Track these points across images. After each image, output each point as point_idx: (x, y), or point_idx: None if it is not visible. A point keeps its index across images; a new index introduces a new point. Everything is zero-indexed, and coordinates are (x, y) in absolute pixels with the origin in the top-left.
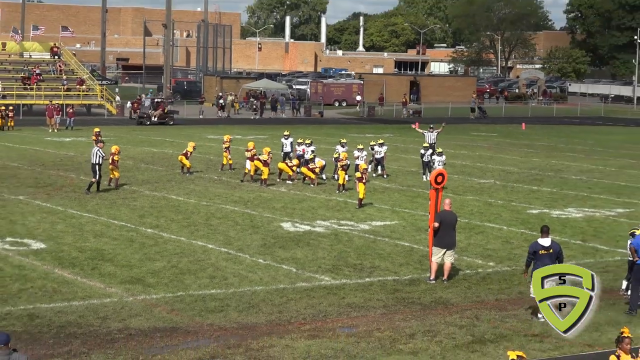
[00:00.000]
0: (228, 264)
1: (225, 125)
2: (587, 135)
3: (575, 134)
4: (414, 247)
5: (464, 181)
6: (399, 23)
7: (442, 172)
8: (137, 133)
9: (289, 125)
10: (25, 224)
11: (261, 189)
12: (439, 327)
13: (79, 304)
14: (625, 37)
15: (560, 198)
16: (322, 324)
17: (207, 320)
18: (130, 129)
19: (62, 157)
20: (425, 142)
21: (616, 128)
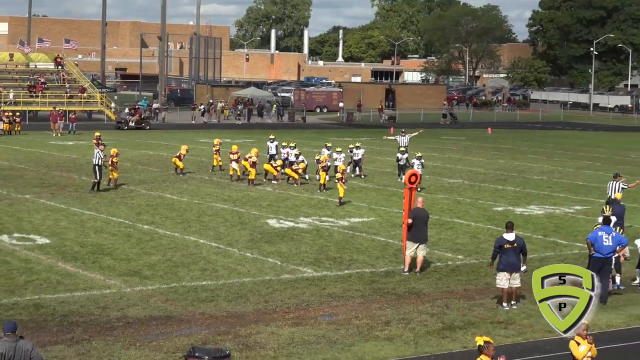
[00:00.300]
0: (218, 257)
1: (215, 130)
2: (548, 139)
3: (537, 137)
4: (389, 241)
5: (435, 181)
6: (375, 36)
7: (415, 173)
8: (134, 137)
9: (274, 129)
10: (31, 221)
11: (249, 189)
12: (412, 315)
13: (81, 295)
14: (582, 49)
15: (523, 196)
16: (305, 313)
17: (199, 310)
18: (128, 133)
19: (65, 159)
20: (401, 147)
21: (574, 132)
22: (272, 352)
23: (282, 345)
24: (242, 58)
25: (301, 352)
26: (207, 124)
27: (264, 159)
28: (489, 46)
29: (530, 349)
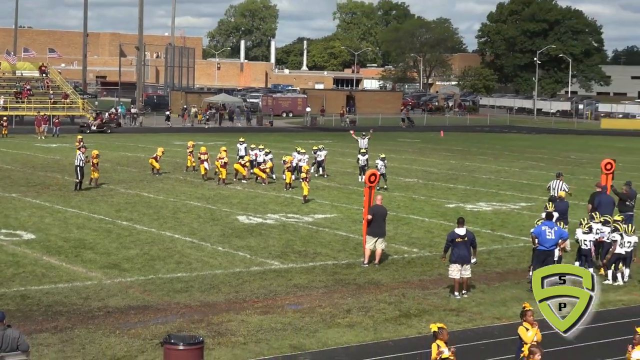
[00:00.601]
0: (192, 251)
1: (189, 133)
2: (495, 141)
3: (486, 140)
4: (350, 236)
5: (392, 180)
6: (337, 46)
7: (374, 173)
8: (114, 140)
9: (244, 133)
10: (18, 218)
11: (220, 187)
12: (371, 303)
13: (64, 286)
14: (527, 59)
15: (472, 194)
16: (273, 302)
17: (174, 300)
18: (108, 136)
19: (49, 161)
20: (361, 149)
21: (519, 135)
22: (242, 339)
23: (252, 332)
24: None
25: (269, 338)
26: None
27: (234, 159)
28: (441, 56)
29: (480, 335)
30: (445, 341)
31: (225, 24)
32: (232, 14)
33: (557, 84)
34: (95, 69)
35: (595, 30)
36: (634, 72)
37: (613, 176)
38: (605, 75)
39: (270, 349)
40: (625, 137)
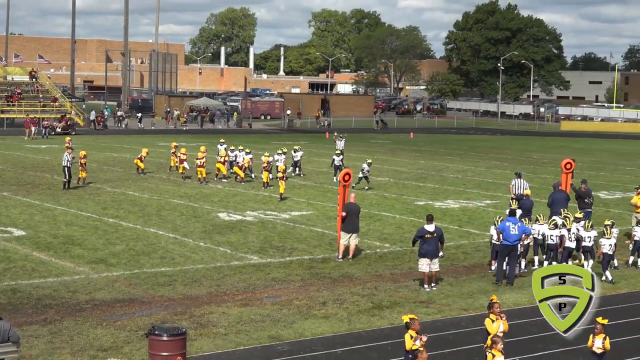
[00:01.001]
0: (175, 246)
1: (172, 135)
2: (462, 142)
3: (453, 141)
4: (325, 232)
5: None
6: (312, 53)
7: (348, 172)
8: (100, 141)
9: (224, 134)
10: (9, 215)
11: (201, 186)
12: (345, 296)
13: (53, 280)
14: (491, 64)
15: (441, 192)
16: (252, 295)
17: (159, 293)
18: (95, 138)
19: (39, 161)
20: (337, 150)
21: (484, 137)
22: (223, 330)
23: (232, 323)
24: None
25: (249, 330)
26: (174, 129)
27: (215, 159)
28: (410, 62)
29: (448, 325)
30: (416, 331)
31: (206, 31)
32: (213, 22)
33: (519, 88)
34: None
35: (555, 38)
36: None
37: (572, 175)
38: (564, 80)
39: (249, 340)
40: (583, 139)
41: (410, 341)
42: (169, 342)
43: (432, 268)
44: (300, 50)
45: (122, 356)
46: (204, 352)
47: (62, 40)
